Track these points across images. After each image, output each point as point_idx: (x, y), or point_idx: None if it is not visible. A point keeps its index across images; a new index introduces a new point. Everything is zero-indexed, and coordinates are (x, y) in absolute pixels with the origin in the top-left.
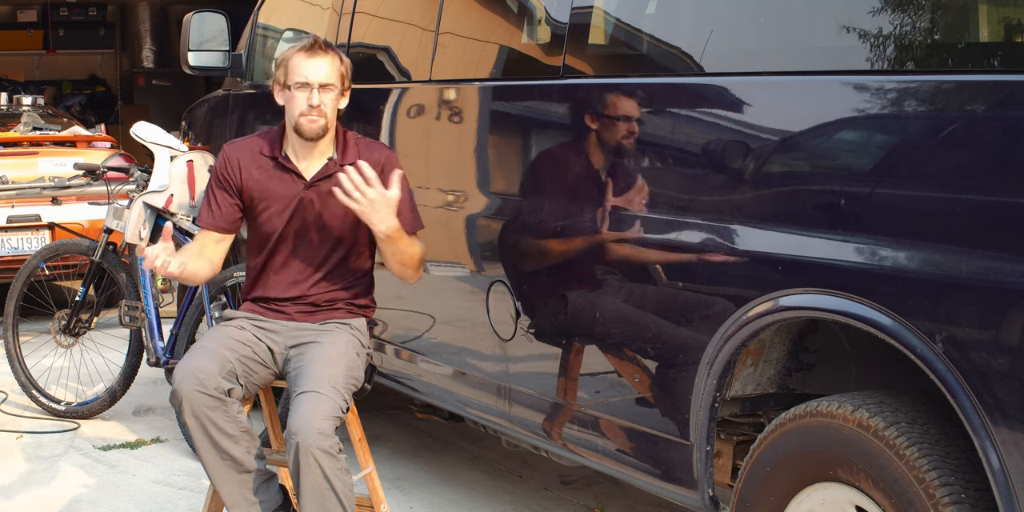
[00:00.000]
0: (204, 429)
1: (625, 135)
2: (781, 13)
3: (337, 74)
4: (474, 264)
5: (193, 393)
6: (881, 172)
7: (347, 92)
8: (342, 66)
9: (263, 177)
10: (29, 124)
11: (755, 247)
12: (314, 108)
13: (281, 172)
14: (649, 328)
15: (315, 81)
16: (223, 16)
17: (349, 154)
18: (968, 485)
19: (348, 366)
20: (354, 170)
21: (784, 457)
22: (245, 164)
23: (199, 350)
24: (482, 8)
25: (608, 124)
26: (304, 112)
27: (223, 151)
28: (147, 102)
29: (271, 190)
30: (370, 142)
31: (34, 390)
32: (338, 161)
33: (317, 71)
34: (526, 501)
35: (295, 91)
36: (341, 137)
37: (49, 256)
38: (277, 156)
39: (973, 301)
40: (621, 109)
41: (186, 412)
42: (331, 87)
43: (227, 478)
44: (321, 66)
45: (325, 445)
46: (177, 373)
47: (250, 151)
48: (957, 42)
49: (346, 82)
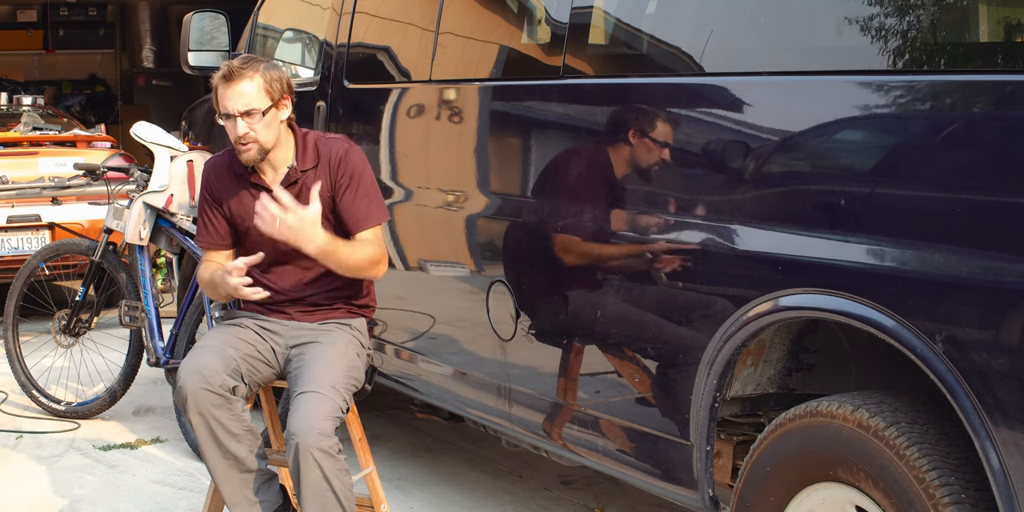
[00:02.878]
0: (208, 427)
1: (625, 135)
2: (781, 13)
3: (259, 94)
4: (474, 264)
5: (199, 391)
6: (881, 172)
7: (284, 102)
8: (265, 82)
9: (236, 192)
10: (29, 124)
11: (755, 247)
12: (242, 137)
13: (251, 188)
14: (649, 328)
15: (235, 110)
16: (223, 16)
17: (308, 158)
18: (968, 485)
19: (348, 366)
20: (268, 199)
21: (784, 457)
22: (222, 181)
23: (204, 348)
24: (482, 8)
25: (608, 124)
26: (235, 141)
27: (204, 169)
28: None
29: (244, 204)
30: (329, 139)
31: (34, 390)
32: (298, 167)
33: (235, 100)
34: (526, 501)
35: (224, 122)
36: (300, 142)
37: (49, 256)
38: (244, 173)
39: (973, 301)
40: (621, 109)
41: (191, 410)
42: (254, 111)
43: (229, 477)
44: (239, 93)
45: (325, 445)
46: (182, 371)
47: (223, 168)
48: (957, 42)
49: (275, 95)
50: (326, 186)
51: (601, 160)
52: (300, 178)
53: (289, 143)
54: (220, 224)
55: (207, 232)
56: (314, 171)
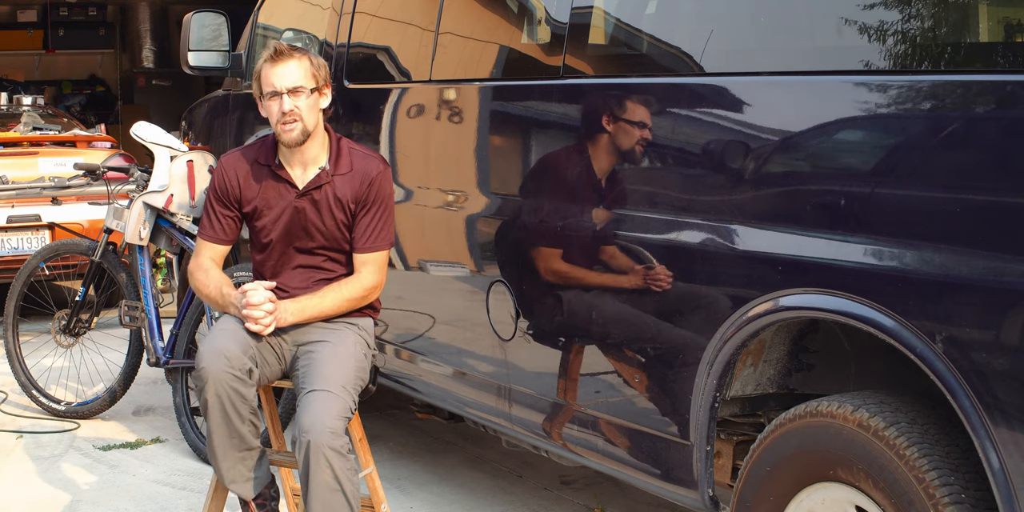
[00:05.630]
0: (223, 407)
1: (625, 135)
2: (781, 13)
3: (307, 75)
4: (474, 264)
5: (221, 372)
6: (881, 172)
7: (325, 90)
8: (312, 66)
9: (259, 186)
10: (29, 124)
11: (755, 247)
12: (287, 114)
13: (275, 181)
14: (649, 328)
15: (283, 87)
16: (223, 16)
17: (342, 164)
18: (968, 485)
19: (357, 367)
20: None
21: (784, 457)
22: (242, 175)
23: (222, 331)
24: (482, 8)
25: (608, 124)
26: (279, 120)
27: (220, 163)
28: (147, 102)
29: (266, 198)
30: (365, 153)
31: (34, 390)
32: (330, 172)
33: (284, 77)
34: (526, 501)
35: (268, 101)
36: (335, 145)
37: (49, 256)
38: (271, 164)
39: (973, 301)
40: (621, 109)
41: (209, 390)
42: (301, 89)
43: (229, 454)
44: (287, 71)
45: (336, 444)
46: (204, 353)
47: (246, 161)
48: (957, 42)
49: (320, 80)
50: (351, 197)
51: (601, 160)
52: (328, 182)
53: (324, 142)
54: (227, 220)
55: (210, 226)
56: (343, 178)
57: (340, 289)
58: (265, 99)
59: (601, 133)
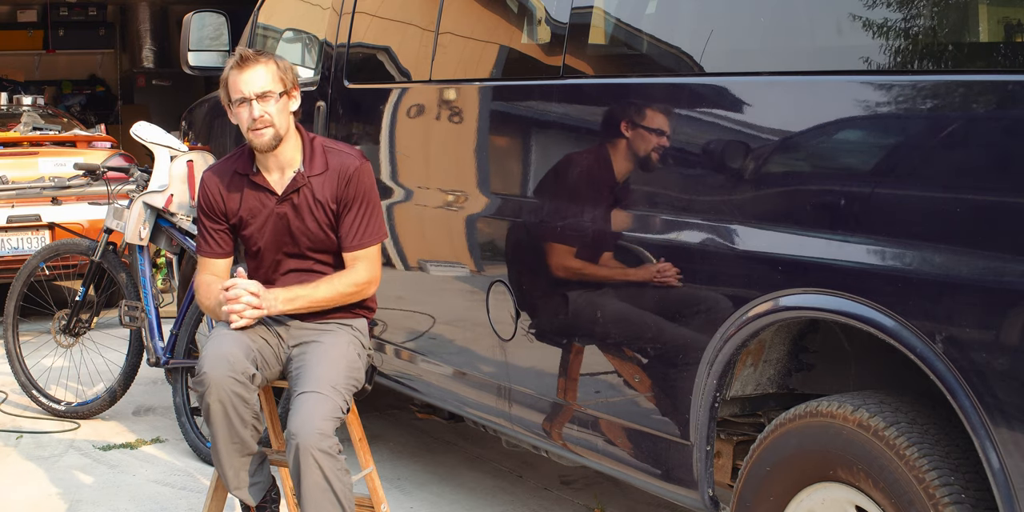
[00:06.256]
0: (226, 413)
1: (625, 135)
2: (781, 13)
3: (274, 79)
4: (474, 264)
5: (224, 378)
6: (881, 172)
7: (294, 92)
8: (279, 69)
9: (240, 196)
10: (29, 124)
11: (755, 247)
12: (257, 120)
13: (254, 189)
14: (649, 328)
15: (251, 93)
16: (223, 16)
17: (316, 164)
18: (968, 485)
19: (349, 367)
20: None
21: (784, 457)
22: (223, 187)
23: (224, 336)
24: (482, 8)
25: (608, 124)
26: (250, 127)
27: (202, 179)
28: (147, 102)
29: (249, 208)
30: (340, 149)
31: (34, 390)
32: (305, 173)
33: (251, 83)
34: (526, 501)
35: (237, 108)
36: (308, 146)
37: (49, 256)
38: (249, 173)
39: (973, 301)
40: (621, 109)
41: (212, 396)
42: (270, 94)
43: (232, 461)
44: (255, 77)
45: (325, 446)
46: (207, 359)
47: (226, 173)
48: (958, 42)
49: (287, 83)
50: (330, 197)
51: (601, 160)
52: (305, 184)
53: (297, 143)
54: (219, 234)
55: (205, 242)
56: (320, 179)
57: (333, 281)
58: (234, 106)
59: (601, 133)
